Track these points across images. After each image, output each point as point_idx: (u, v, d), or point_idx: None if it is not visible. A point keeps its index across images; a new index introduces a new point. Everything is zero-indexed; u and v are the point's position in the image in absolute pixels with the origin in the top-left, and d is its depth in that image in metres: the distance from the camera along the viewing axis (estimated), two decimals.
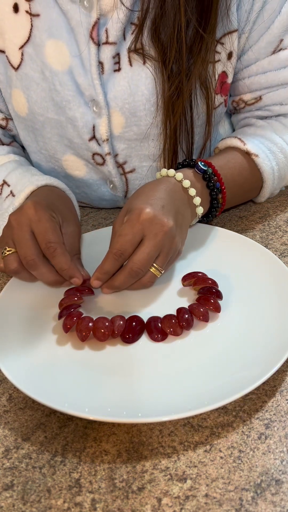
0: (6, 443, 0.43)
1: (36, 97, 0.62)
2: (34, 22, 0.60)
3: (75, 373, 0.47)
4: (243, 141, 0.65)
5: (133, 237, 0.52)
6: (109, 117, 0.62)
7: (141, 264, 0.52)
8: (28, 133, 0.67)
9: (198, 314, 0.51)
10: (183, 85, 0.59)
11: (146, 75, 0.60)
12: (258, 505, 0.37)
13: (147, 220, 0.52)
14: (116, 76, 0.61)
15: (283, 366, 0.47)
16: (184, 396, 0.43)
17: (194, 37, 0.57)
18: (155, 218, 0.52)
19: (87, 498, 0.38)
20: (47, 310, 0.54)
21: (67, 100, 0.61)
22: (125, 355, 0.49)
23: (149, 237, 0.52)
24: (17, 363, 0.47)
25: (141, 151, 0.65)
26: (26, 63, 0.61)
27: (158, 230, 0.52)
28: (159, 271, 0.54)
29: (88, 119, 0.62)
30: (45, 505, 0.38)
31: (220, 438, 0.42)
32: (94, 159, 0.66)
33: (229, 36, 0.62)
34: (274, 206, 0.72)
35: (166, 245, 0.53)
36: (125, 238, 0.52)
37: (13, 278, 0.57)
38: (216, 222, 0.69)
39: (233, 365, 0.46)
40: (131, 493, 0.38)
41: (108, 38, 0.59)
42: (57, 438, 0.43)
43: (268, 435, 0.42)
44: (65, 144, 0.66)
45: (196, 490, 0.38)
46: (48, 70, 0.61)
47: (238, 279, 0.56)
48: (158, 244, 0.52)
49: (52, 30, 0.59)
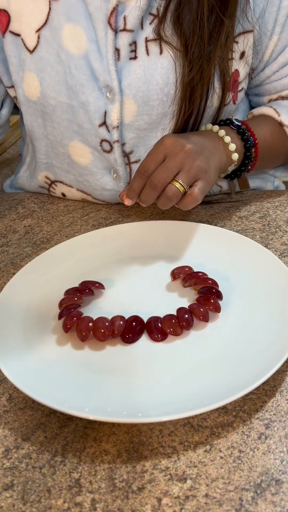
0: (6, 443, 0.43)
1: (50, 80, 0.63)
2: (53, 6, 0.61)
3: (75, 373, 0.47)
4: (277, 111, 0.69)
5: (156, 156, 0.58)
6: (121, 104, 0.63)
7: (159, 176, 0.56)
8: (36, 118, 0.68)
9: (198, 314, 0.51)
10: (203, 70, 0.61)
11: (162, 65, 0.61)
12: (258, 505, 0.37)
13: (170, 143, 0.58)
14: (132, 64, 0.62)
15: (283, 366, 0.47)
16: (184, 396, 0.43)
17: (215, 22, 0.59)
18: (176, 141, 0.58)
19: (87, 498, 0.38)
20: (47, 310, 0.54)
21: (81, 84, 0.62)
22: (125, 355, 0.49)
23: (170, 156, 0.57)
24: (17, 363, 0.47)
25: (149, 141, 0.67)
26: (42, 46, 0.62)
27: (178, 150, 0.57)
28: (183, 186, 0.57)
29: (100, 105, 0.63)
30: (45, 505, 0.38)
31: (220, 438, 0.42)
32: (101, 145, 0.67)
33: (244, 36, 0.63)
34: (274, 206, 0.72)
35: (186, 163, 0.57)
36: (149, 158, 0.58)
37: (13, 278, 0.57)
38: (216, 222, 0.69)
39: (233, 365, 0.46)
40: (131, 493, 0.38)
41: (126, 25, 0.60)
42: (57, 438, 0.43)
43: (268, 435, 0.42)
44: (74, 129, 0.66)
45: (196, 490, 0.38)
46: (64, 53, 0.62)
47: (238, 279, 0.56)
48: (177, 161, 0.57)
49: (70, 14, 0.61)
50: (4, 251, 0.68)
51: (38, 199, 0.80)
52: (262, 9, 0.63)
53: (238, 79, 0.67)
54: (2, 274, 0.63)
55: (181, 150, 0.57)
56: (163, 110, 0.64)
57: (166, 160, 0.57)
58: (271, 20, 0.64)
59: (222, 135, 0.64)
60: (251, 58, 0.67)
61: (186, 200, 0.57)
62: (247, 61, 0.66)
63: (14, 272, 0.63)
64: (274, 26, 0.64)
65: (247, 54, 0.65)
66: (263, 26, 0.64)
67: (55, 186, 0.77)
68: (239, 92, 0.69)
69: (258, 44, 0.66)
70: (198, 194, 0.57)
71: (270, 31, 0.65)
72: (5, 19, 0.63)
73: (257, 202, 0.73)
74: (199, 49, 0.60)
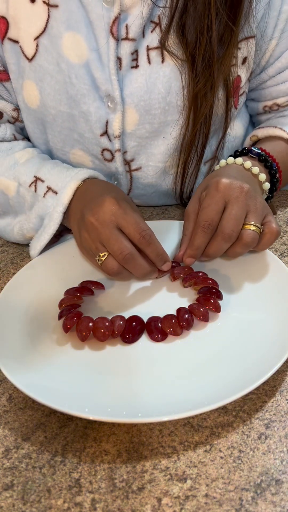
0: (6, 443, 0.43)
1: (49, 90, 0.62)
2: (52, 13, 0.60)
3: (75, 373, 0.47)
4: (284, 130, 0.68)
5: (217, 205, 0.54)
6: (123, 114, 0.62)
7: (232, 225, 0.53)
8: (37, 125, 0.67)
9: (198, 314, 0.51)
10: (213, 79, 0.60)
11: (164, 74, 0.60)
12: (258, 505, 0.37)
13: (226, 188, 0.55)
14: (133, 73, 0.61)
15: (283, 366, 0.47)
16: (184, 396, 0.43)
17: (224, 30, 0.58)
18: (232, 184, 0.55)
19: (87, 498, 0.38)
20: (47, 310, 0.54)
21: (82, 93, 0.61)
22: (125, 355, 0.49)
23: (232, 201, 0.54)
24: (17, 363, 0.47)
25: (150, 149, 0.66)
26: (41, 55, 0.61)
27: (239, 193, 0.54)
28: (258, 227, 0.54)
29: (102, 114, 0.63)
30: (45, 505, 0.38)
31: (220, 438, 0.42)
32: (103, 155, 0.66)
33: (246, 41, 0.63)
34: (274, 206, 0.72)
35: (250, 203, 0.55)
36: (209, 209, 0.54)
37: (13, 278, 0.57)
38: None
39: (233, 365, 0.46)
40: (131, 493, 0.38)
41: (128, 34, 0.59)
42: (57, 438, 0.43)
43: (268, 435, 0.42)
44: (74, 138, 0.66)
45: (196, 490, 0.38)
46: (64, 62, 0.61)
47: (238, 279, 0.56)
48: (242, 204, 0.54)
49: (71, 22, 0.59)
50: (4, 251, 0.68)
51: None
52: (263, 13, 0.62)
53: (240, 84, 0.67)
54: (2, 274, 0.63)
55: (241, 192, 0.54)
56: (165, 118, 0.63)
57: (230, 207, 0.54)
58: (271, 25, 0.63)
59: (249, 167, 0.61)
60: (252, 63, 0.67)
61: (267, 238, 0.55)
62: (249, 66, 0.66)
63: (14, 272, 0.63)
64: (273, 31, 0.64)
65: (249, 60, 0.65)
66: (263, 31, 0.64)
67: None
68: (240, 96, 0.68)
69: (258, 48, 0.65)
70: (277, 228, 0.55)
71: (269, 35, 0.64)
72: (3, 26, 0.61)
73: None
74: (207, 58, 0.58)
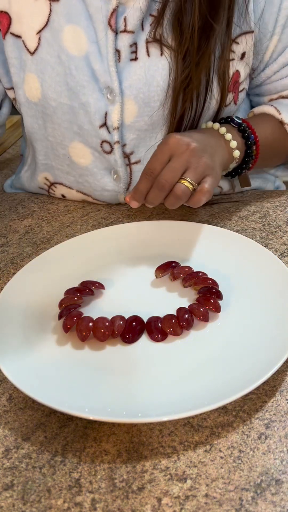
0: (6, 443, 0.43)
1: (50, 81, 0.64)
2: (53, 7, 0.61)
3: (75, 373, 0.47)
4: (278, 110, 0.69)
5: (161, 156, 0.57)
6: (122, 105, 0.63)
7: (167, 176, 0.56)
8: (37, 119, 0.68)
9: (198, 314, 0.51)
10: (192, 74, 0.61)
11: (163, 66, 0.61)
12: (258, 505, 0.37)
13: (174, 142, 0.57)
14: (132, 65, 0.62)
15: (283, 366, 0.47)
16: (184, 396, 0.43)
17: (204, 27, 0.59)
18: (181, 140, 0.58)
19: (87, 498, 0.38)
20: (47, 310, 0.54)
21: (82, 85, 0.62)
22: (125, 355, 0.49)
23: (175, 155, 0.57)
24: (17, 363, 0.47)
25: (149, 142, 0.67)
26: (42, 47, 0.63)
27: (184, 149, 0.57)
28: (192, 184, 0.57)
29: (101, 106, 0.63)
30: (45, 505, 0.38)
31: (220, 438, 0.42)
32: (102, 147, 0.67)
33: (244, 37, 0.63)
34: (274, 206, 0.72)
35: (193, 161, 0.57)
36: (154, 159, 0.58)
37: (13, 278, 0.57)
38: (216, 222, 0.69)
39: (233, 365, 0.46)
40: (131, 493, 0.38)
41: (126, 26, 0.60)
42: (57, 438, 0.43)
43: (268, 435, 0.42)
44: (74, 131, 0.67)
45: (196, 490, 0.38)
46: (64, 54, 0.62)
47: (238, 279, 0.56)
48: (183, 160, 0.57)
49: (71, 16, 0.61)
50: (4, 251, 0.68)
51: (38, 199, 0.80)
52: (262, 10, 0.63)
53: (239, 80, 0.67)
54: (2, 274, 0.63)
55: (187, 149, 0.57)
56: (163, 111, 0.64)
57: (172, 160, 0.57)
58: (271, 21, 0.64)
59: (223, 132, 0.64)
60: (252, 58, 0.67)
61: (197, 196, 0.57)
62: (248, 61, 0.66)
63: (14, 272, 0.63)
64: (274, 27, 0.64)
65: (247, 55, 0.65)
66: (263, 27, 0.64)
67: (55, 187, 0.77)
68: (240, 92, 0.69)
69: (258, 44, 0.66)
70: (209, 189, 0.57)
71: (271, 32, 0.65)
72: (6, 21, 0.63)
73: (257, 202, 0.73)
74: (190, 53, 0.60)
